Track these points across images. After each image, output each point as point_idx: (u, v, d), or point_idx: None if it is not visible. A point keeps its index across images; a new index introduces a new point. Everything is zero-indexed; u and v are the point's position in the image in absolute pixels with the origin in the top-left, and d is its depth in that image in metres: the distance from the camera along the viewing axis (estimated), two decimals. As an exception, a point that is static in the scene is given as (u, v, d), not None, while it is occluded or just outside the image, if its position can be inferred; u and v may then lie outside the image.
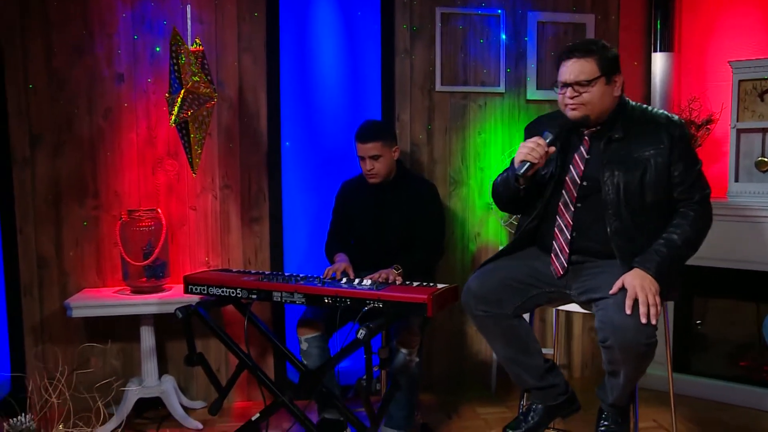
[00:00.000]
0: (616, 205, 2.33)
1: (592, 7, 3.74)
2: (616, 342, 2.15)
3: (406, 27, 3.59)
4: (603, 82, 2.34)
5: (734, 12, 3.82)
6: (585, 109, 2.35)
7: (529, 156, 2.32)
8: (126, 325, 3.41)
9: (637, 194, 2.33)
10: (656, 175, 2.32)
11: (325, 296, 2.68)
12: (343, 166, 3.59)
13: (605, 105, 2.37)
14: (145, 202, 3.42)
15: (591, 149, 2.42)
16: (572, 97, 2.35)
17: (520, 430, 2.50)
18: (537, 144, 2.33)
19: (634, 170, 2.33)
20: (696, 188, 2.36)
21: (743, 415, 3.40)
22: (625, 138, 2.37)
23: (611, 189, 2.34)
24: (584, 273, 2.40)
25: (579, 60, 2.34)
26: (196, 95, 2.79)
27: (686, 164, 2.35)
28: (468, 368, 3.86)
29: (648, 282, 2.18)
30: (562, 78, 2.38)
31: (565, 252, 2.42)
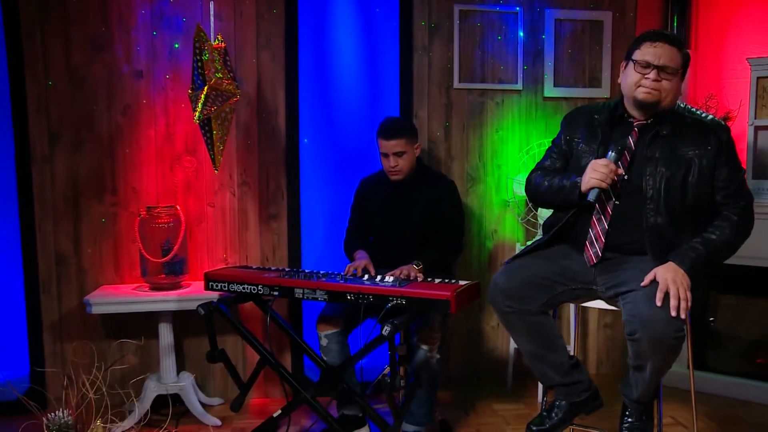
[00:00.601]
0: (656, 201, 2.32)
1: (609, 4, 3.74)
2: (645, 334, 2.14)
3: (424, 24, 3.60)
4: (680, 77, 2.35)
5: (751, 9, 3.82)
6: (659, 96, 2.32)
7: (602, 184, 2.31)
8: (143, 321, 3.42)
9: (678, 193, 2.32)
10: (699, 176, 2.31)
11: (347, 293, 2.69)
12: (361, 163, 3.59)
13: (674, 99, 2.37)
14: (163, 198, 3.42)
15: (638, 142, 2.40)
16: (655, 80, 2.30)
17: (544, 427, 2.49)
18: (609, 170, 2.31)
19: (677, 168, 2.32)
20: (740, 195, 2.35)
21: (761, 412, 3.40)
22: (671, 135, 2.36)
23: (652, 184, 2.33)
24: (612, 268, 2.39)
25: (671, 47, 2.31)
26: (219, 92, 2.79)
27: (731, 169, 2.34)
28: (484, 365, 3.86)
29: (680, 276, 2.17)
30: (649, 58, 2.31)
31: (600, 240, 2.39)
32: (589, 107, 2.62)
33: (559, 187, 2.47)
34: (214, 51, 2.75)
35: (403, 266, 2.91)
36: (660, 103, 2.33)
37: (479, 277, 3.66)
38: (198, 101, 2.72)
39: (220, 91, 2.79)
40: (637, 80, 2.34)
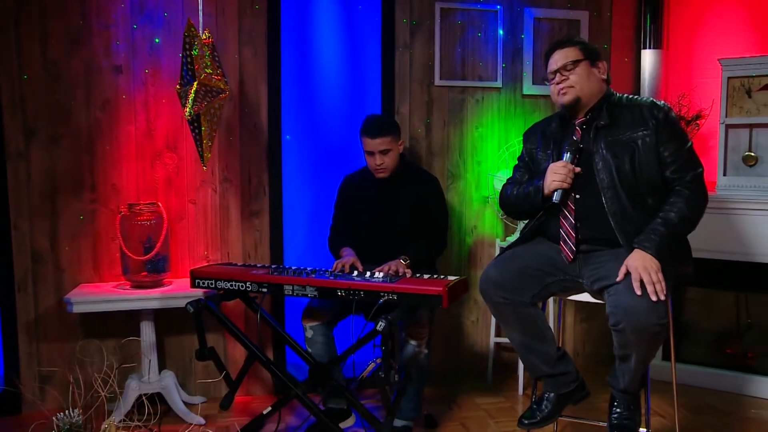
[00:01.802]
0: (612, 188, 2.42)
1: (586, 3, 3.82)
2: (629, 324, 2.21)
3: (405, 21, 3.62)
4: (587, 65, 2.51)
5: (718, 10, 3.94)
6: (574, 91, 2.50)
7: (564, 184, 2.46)
8: (123, 320, 3.37)
9: (629, 176, 2.42)
10: (645, 155, 2.42)
11: (338, 289, 2.70)
12: (344, 159, 3.60)
13: (593, 87, 2.52)
14: (143, 195, 3.38)
15: (582, 138, 2.52)
16: (560, 81, 2.51)
17: (535, 420, 2.55)
18: (568, 170, 2.45)
19: (622, 153, 2.43)
20: (688, 167, 2.44)
21: (731, 400, 3.52)
22: (611, 124, 2.48)
23: (605, 173, 2.43)
24: (593, 262, 2.47)
25: (563, 49, 2.55)
26: (209, 88, 2.76)
27: (676, 144, 2.44)
28: (464, 360, 3.91)
29: (648, 261, 2.26)
30: (551, 68, 2.57)
31: (572, 237, 2.49)
32: (542, 121, 2.81)
33: (525, 195, 2.62)
34: (204, 46, 2.73)
35: (391, 261, 2.93)
36: (581, 98, 2.50)
37: (459, 273, 3.72)
38: (188, 97, 2.69)
39: (209, 87, 2.76)
40: (552, 91, 2.58)
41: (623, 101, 2.53)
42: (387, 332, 2.49)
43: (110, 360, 3.37)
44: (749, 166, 3.59)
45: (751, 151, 3.60)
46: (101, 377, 1.93)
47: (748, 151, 3.60)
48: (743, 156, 3.60)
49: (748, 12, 3.85)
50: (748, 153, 3.60)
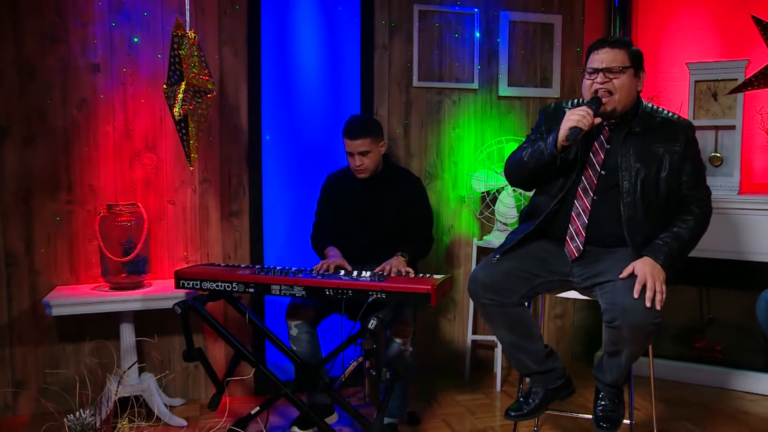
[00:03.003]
0: (632, 195, 2.47)
1: (560, 7, 3.90)
2: (625, 322, 2.28)
3: (384, 23, 3.65)
4: (631, 74, 2.49)
5: (683, 15, 4.07)
6: (613, 101, 2.47)
7: (581, 123, 2.39)
8: (101, 323, 3.32)
9: (652, 187, 2.47)
10: (669, 171, 2.48)
11: (326, 288, 2.72)
12: (324, 159, 3.61)
13: (630, 97, 2.50)
14: (122, 196, 3.34)
15: (610, 139, 2.54)
16: (603, 82, 2.46)
17: (521, 412, 2.60)
18: (587, 112, 2.41)
19: (650, 164, 2.48)
20: (701, 188, 2.54)
21: (701, 392, 3.65)
22: (642, 133, 2.51)
23: (629, 179, 2.47)
24: (591, 260, 2.52)
25: (612, 49, 2.48)
26: (197, 88, 2.75)
27: (695, 164, 2.53)
28: (442, 358, 3.95)
29: (657, 270, 2.32)
30: (594, 65, 2.49)
31: (581, 235, 2.52)
32: (565, 104, 2.70)
33: (534, 149, 2.57)
34: (192, 46, 2.71)
35: (390, 260, 2.95)
36: (616, 105, 2.48)
37: (436, 272, 3.75)
38: (176, 97, 2.67)
39: (197, 87, 2.75)
40: (589, 86, 2.52)
41: (654, 112, 2.56)
42: (379, 330, 2.51)
43: (88, 363, 3.35)
44: (715, 167, 3.73)
45: (716, 152, 3.73)
46: (111, 377, 1.86)
47: (714, 152, 3.74)
48: (709, 157, 3.73)
49: (713, 18, 3.99)
50: (714, 154, 3.73)
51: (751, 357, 3.71)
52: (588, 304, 4.10)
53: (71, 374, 3.30)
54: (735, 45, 3.90)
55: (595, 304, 4.00)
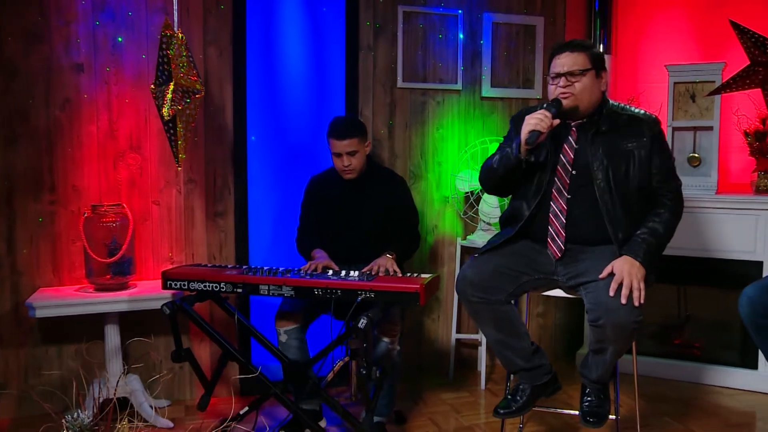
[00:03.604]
0: (607, 192, 2.52)
1: (542, 10, 3.95)
2: (609, 321, 2.33)
3: (369, 24, 3.66)
4: (593, 75, 2.55)
5: (662, 19, 4.15)
6: (575, 99, 2.53)
7: (539, 126, 2.46)
8: (85, 324, 3.29)
9: (624, 183, 2.53)
10: (639, 165, 2.54)
11: (315, 288, 2.73)
12: (309, 160, 3.62)
13: (594, 97, 2.57)
14: (106, 197, 3.31)
15: (578, 139, 2.60)
16: (565, 86, 2.53)
17: (510, 409, 2.63)
18: (544, 115, 2.48)
19: (620, 161, 2.54)
20: (672, 179, 2.60)
21: (681, 387, 3.73)
22: (610, 131, 2.57)
23: (602, 177, 2.53)
24: (574, 259, 2.57)
25: (572, 53, 2.54)
26: (186, 88, 2.74)
27: (662, 157, 2.58)
28: (426, 357, 3.98)
29: (636, 268, 2.38)
30: (556, 69, 2.57)
31: (561, 235, 2.57)
32: (535, 107, 2.75)
33: (501, 156, 2.64)
34: (182, 46, 2.71)
35: (378, 259, 2.97)
36: (579, 104, 2.55)
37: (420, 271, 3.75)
38: (165, 97, 2.66)
39: (186, 87, 2.74)
40: (553, 90, 2.59)
41: (620, 110, 2.62)
42: (369, 330, 2.53)
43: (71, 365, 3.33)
44: (693, 167, 3.80)
45: (695, 152, 3.81)
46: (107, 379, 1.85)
47: (693, 153, 3.81)
48: (688, 157, 3.81)
49: (690, 20, 4.08)
50: (692, 154, 3.81)
51: (728, 353, 3.80)
52: (569, 303, 4.15)
53: (54, 377, 3.28)
54: (712, 47, 3.99)
55: (575, 303, 4.09)
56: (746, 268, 3.65)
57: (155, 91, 2.77)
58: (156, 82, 2.79)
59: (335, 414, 2.94)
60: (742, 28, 3.17)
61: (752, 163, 3.76)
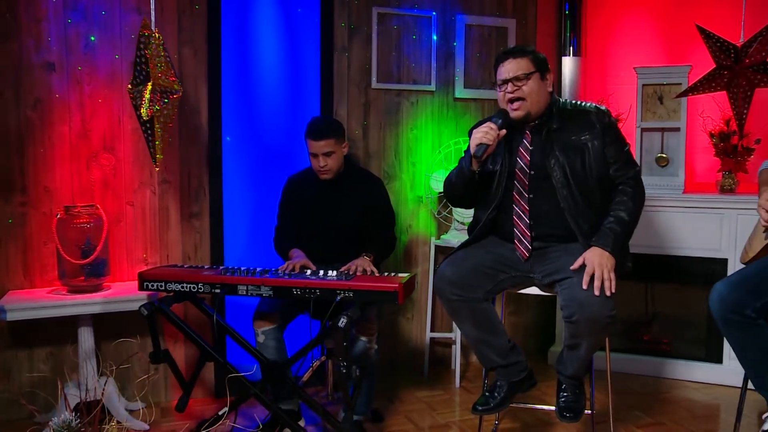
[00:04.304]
0: (566, 187, 2.58)
1: (513, 12, 4.01)
2: (583, 316, 2.39)
3: (344, 25, 3.68)
4: (538, 77, 2.62)
5: (627, 20, 4.25)
6: (525, 105, 2.60)
7: (485, 139, 2.53)
8: (56, 327, 3.24)
9: (581, 175, 2.59)
10: (594, 156, 2.60)
11: (293, 288, 2.74)
12: (284, 160, 3.62)
13: (541, 99, 2.64)
14: (78, 198, 3.27)
15: (533, 141, 2.67)
16: (513, 91, 2.60)
17: (488, 406, 2.68)
18: (490, 128, 2.55)
19: (575, 155, 2.60)
20: (629, 166, 2.66)
21: (649, 382, 3.82)
22: (561, 128, 2.64)
23: (559, 173, 2.59)
24: (546, 257, 2.63)
25: (515, 59, 2.62)
26: (163, 88, 2.73)
27: (617, 145, 2.65)
28: (401, 355, 4.01)
29: (606, 258, 2.45)
30: (502, 76, 2.63)
31: (527, 236, 2.63)
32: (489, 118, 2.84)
33: (458, 170, 2.72)
34: (159, 46, 2.69)
35: (356, 260, 2.99)
36: (530, 110, 2.61)
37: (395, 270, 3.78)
38: (142, 98, 2.64)
39: (164, 87, 2.73)
40: (502, 97, 2.66)
41: (569, 106, 2.69)
42: (348, 329, 2.55)
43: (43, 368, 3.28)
44: (661, 167, 3.90)
45: (663, 152, 3.90)
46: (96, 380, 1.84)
47: (661, 153, 3.91)
48: (656, 157, 3.90)
49: (657, 23, 4.18)
50: (660, 155, 3.90)
51: (694, 348, 3.90)
52: (541, 302, 4.22)
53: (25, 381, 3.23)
54: (677, 49, 4.10)
55: (547, 302, 4.17)
56: (712, 265, 3.76)
57: (132, 92, 2.75)
58: (133, 82, 2.77)
59: (313, 414, 2.97)
60: (708, 33, 3.26)
61: (717, 163, 3.87)
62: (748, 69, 3.20)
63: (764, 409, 3.22)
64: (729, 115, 3.73)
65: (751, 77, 3.21)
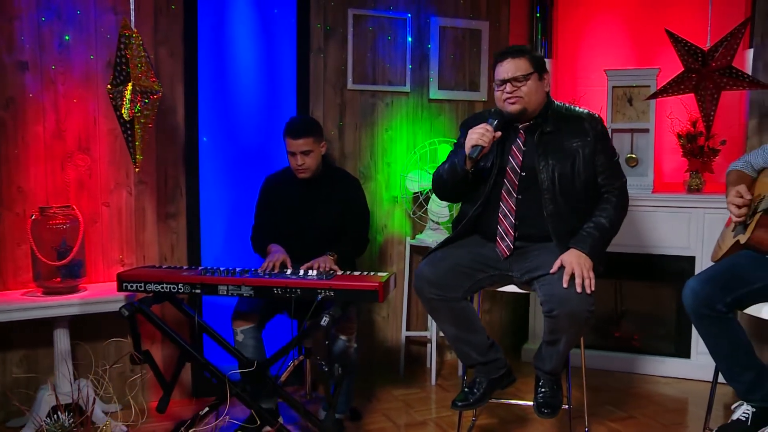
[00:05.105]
0: (552, 191, 2.64)
1: (487, 14, 4.07)
2: (563, 311, 2.45)
3: (320, 26, 3.70)
4: (536, 78, 2.66)
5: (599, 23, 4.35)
6: (522, 102, 2.64)
7: (481, 140, 2.58)
8: (30, 329, 3.20)
9: (569, 180, 2.65)
10: (584, 163, 2.66)
11: (274, 287, 2.76)
12: (261, 161, 3.63)
13: (539, 99, 2.68)
14: (53, 198, 3.24)
15: (526, 142, 2.71)
16: (511, 92, 2.63)
17: (468, 402, 2.72)
18: (486, 130, 2.59)
19: (565, 159, 2.66)
20: (616, 176, 2.73)
21: (621, 378, 3.91)
22: (555, 131, 2.69)
23: (547, 176, 2.64)
24: (525, 256, 2.68)
25: (514, 59, 2.65)
26: (144, 88, 2.72)
27: (607, 155, 2.72)
28: (377, 354, 4.04)
29: (583, 259, 2.52)
30: (501, 76, 2.66)
31: (510, 235, 2.68)
32: (482, 114, 2.92)
33: (450, 166, 2.75)
34: (140, 47, 2.68)
35: (318, 258, 3.01)
36: (527, 107, 2.66)
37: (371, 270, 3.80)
38: (123, 98, 2.63)
39: (144, 88, 2.72)
40: (500, 96, 2.69)
41: (563, 110, 2.74)
42: (330, 327, 2.57)
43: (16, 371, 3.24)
44: (631, 167, 3.98)
45: (632, 153, 4.00)
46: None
47: (630, 154, 4.00)
48: (626, 158, 3.99)
49: (626, 26, 4.28)
50: (630, 155, 3.99)
51: (663, 344, 4.00)
52: (515, 300, 4.29)
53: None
54: (646, 52, 4.20)
55: (521, 300, 4.23)
56: (680, 263, 3.86)
57: (112, 92, 2.73)
58: (113, 83, 2.75)
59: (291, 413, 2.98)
60: (676, 37, 3.35)
61: (684, 163, 3.97)
62: (714, 72, 3.31)
63: (729, 402, 3.33)
64: (695, 117, 3.83)
65: (718, 80, 3.31)
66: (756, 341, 2.82)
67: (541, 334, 2.68)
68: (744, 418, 2.69)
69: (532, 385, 2.88)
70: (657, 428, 3.24)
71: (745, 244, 2.72)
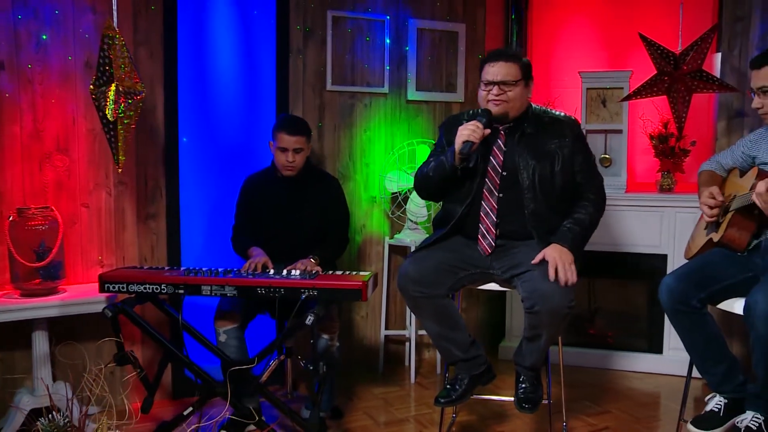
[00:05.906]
0: (532, 190, 2.70)
1: (463, 17, 4.12)
2: (544, 307, 2.51)
3: (299, 28, 3.72)
4: (523, 85, 2.72)
5: (573, 26, 4.43)
6: (507, 105, 2.70)
7: (472, 136, 2.62)
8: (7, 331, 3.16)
9: (548, 181, 2.72)
10: (563, 164, 2.73)
11: (258, 287, 2.77)
12: (241, 161, 3.64)
13: (522, 105, 2.75)
14: (31, 199, 3.21)
15: (507, 143, 2.77)
16: (498, 95, 2.69)
17: (450, 398, 2.76)
18: (477, 126, 2.64)
19: (545, 160, 2.72)
20: (594, 176, 2.82)
21: (596, 374, 3.99)
22: (535, 133, 2.76)
23: (527, 176, 2.70)
24: (506, 253, 2.74)
25: (507, 63, 2.70)
26: (127, 89, 2.71)
27: (584, 156, 2.80)
28: (356, 353, 4.07)
29: (565, 254, 2.58)
30: (490, 78, 2.70)
31: (492, 233, 2.73)
32: (462, 115, 2.96)
33: (437, 164, 2.79)
34: (123, 47, 2.68)
35: (302, 260, 3.03)
36: (510, 111, 2.72)
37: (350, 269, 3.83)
38: (106, 99, 2.63)
39: (127, 88, 2.71)
40: (485, 97, 2.74)
41: (542, 113, 2.81)
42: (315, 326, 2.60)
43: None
44: (605, 167, 4.07)
45: (606, 153, 4.08)
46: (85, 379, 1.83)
47: (604, 154, 4.08)
48: (600, 158, 4.07)
49: (599, 29, 4.37)
50: (604, 155, 4.08)
51: (636, 340, 4.09)
52: (492, 298, 4.35)
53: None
54: (618, 54, 4.30)
55: (498, 298, 4.29)
56: (652, 261, 3.96)
57: (95, 92, 2.72)
58: (96, 83, 2.74)
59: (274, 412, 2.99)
60: (649, 41, 3.44)
61: (656, 164, 4.07)
62: (686, 75, 3.40)
63: (700, 396, 3.44)
64: (667, 118, 3.93)
65: (689, 83, 3.41)
66: (726, 335, 2.90)
67: (518, 331, 2.74)
68: (717, 408, 2.77)
69: (509, 381, 2.94)
70: (632, 422, 3.33)
71: (718, 242, 2.81)
